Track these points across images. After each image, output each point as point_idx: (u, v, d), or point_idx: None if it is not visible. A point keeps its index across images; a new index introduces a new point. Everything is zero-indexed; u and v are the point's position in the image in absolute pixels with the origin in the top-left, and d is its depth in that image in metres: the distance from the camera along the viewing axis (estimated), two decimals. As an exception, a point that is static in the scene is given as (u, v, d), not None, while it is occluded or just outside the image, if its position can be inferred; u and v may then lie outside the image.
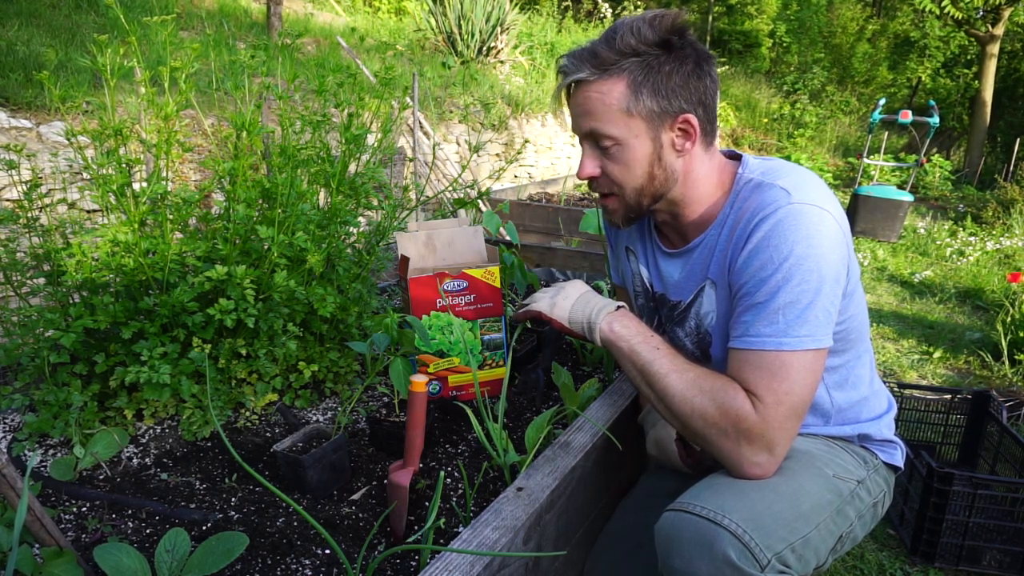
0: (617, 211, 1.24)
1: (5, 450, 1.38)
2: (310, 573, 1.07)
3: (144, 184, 1.39)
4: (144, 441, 1.44)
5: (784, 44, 17.52)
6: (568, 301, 1.26)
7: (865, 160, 7.69)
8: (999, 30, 12.34)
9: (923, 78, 16.10)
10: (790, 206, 1.05)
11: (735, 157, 1.23)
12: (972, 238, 6.64)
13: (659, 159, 1.15)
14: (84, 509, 1.21)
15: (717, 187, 1.19)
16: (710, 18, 16.85)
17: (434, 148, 2.54)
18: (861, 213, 6.59)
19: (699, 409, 1.05)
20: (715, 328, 1.21)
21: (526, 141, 4.10)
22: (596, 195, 1.26)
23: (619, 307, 1.22)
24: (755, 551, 0.93)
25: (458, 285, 1.59)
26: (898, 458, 1.28)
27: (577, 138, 1.22)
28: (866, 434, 1.24)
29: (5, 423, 1.48)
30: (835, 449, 1.20)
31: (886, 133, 10.26)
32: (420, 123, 5.75)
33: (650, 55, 1.10)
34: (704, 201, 1.20)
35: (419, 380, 1.14)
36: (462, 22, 8.33)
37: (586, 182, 1.24)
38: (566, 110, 1.20)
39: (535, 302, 1.29)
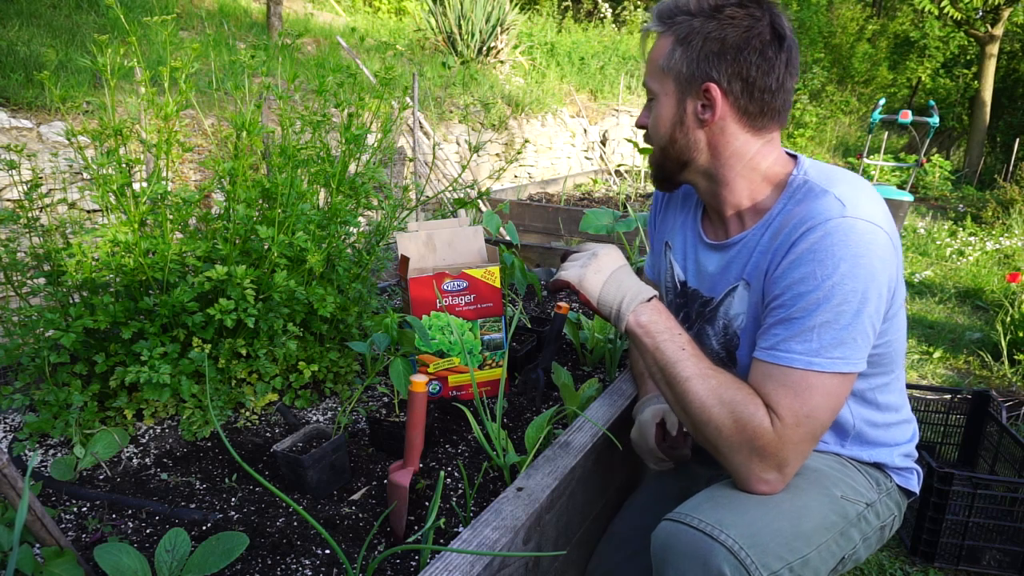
0: (652, 167, 1.24)
1: (6, 450, 1.38)
2: (310, 573, 1.08)
3: (144, 184, 1.39)
4: (144, 441, 1.45)
5: (784, 44, 17.48)
6: (600, 276, 1.18)
7: (865, 160, 7.69)
8: (998, 30, 12.34)
9: (923, 78, 16.10)
10: (843, 219, 0.98)
11: (790, 157, 1.18)
12: (972, 238, 6.64)
13: (681, 123, 1.13)
14: (84, 509, 1.21)
15: (765, 181, 1.14)
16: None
17: (434, 148, 2.54)
18: (861, 213, 6.58)
19: (715, 419, 1.01)
20: (744, 331, 1.16)
21: (526, 141, 4.10)
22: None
23: (651, 297, 1.15)
24: (750, 568, 0.91)
25: (458, 285, 1.59)
26: (914, 483, 1.24)
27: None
28: (882, 463, 1.20)
29: (5, 423, 1.48)
30: (848, 468, 1.16)
31: (886, 133, 10.27)
32: (420, 123, 5.75)
33: (701, 16, 1.07)
34: (747, 189, 1.15)
35: (419, 380, 1.14)
36: (462, 22, 8.32)
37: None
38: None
39: (565, 270, 1.20)
